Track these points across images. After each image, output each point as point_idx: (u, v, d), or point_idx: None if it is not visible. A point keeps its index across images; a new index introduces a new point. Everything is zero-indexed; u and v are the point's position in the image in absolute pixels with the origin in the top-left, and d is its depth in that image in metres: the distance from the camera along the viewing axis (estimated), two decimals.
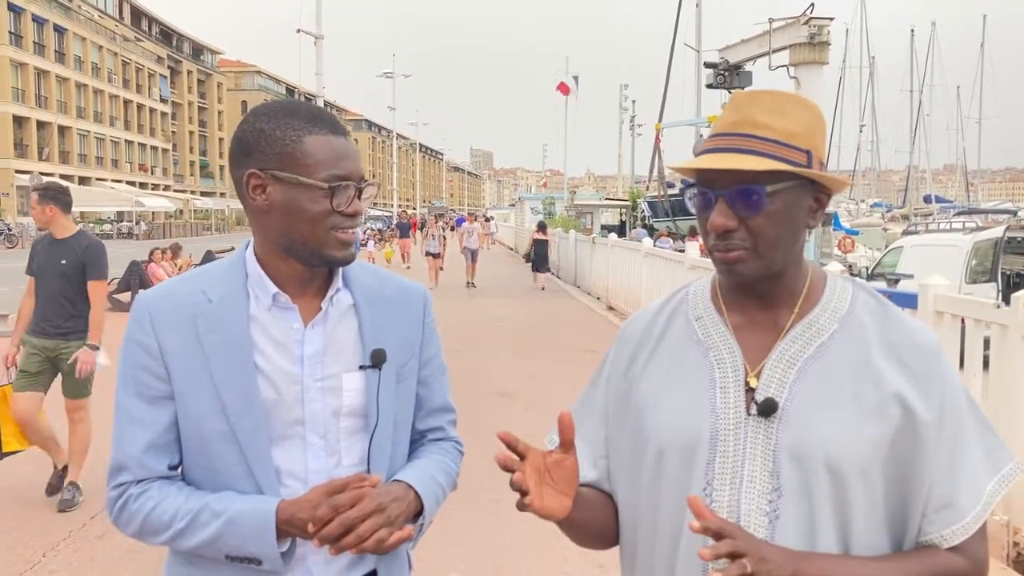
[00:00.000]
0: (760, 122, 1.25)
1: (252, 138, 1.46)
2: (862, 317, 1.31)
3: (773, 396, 1.27)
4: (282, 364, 1.48)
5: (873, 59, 69.45)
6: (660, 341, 1.41)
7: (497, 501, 5.31)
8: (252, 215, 1.50)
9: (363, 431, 1.54)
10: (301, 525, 1.39)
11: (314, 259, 1.48)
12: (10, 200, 48.89)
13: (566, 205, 43.12)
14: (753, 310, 1.34)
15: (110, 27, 66.39)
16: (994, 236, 11.95)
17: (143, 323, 1.47)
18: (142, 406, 1.46)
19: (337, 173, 1.44)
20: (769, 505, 1.25)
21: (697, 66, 39.58)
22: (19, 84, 52.98)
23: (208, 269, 1.55)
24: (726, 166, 1.23)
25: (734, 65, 26.21)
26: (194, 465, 1.49)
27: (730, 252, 1.26)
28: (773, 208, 1.24)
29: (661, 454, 1.33)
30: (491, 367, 10.14)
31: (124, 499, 1.46)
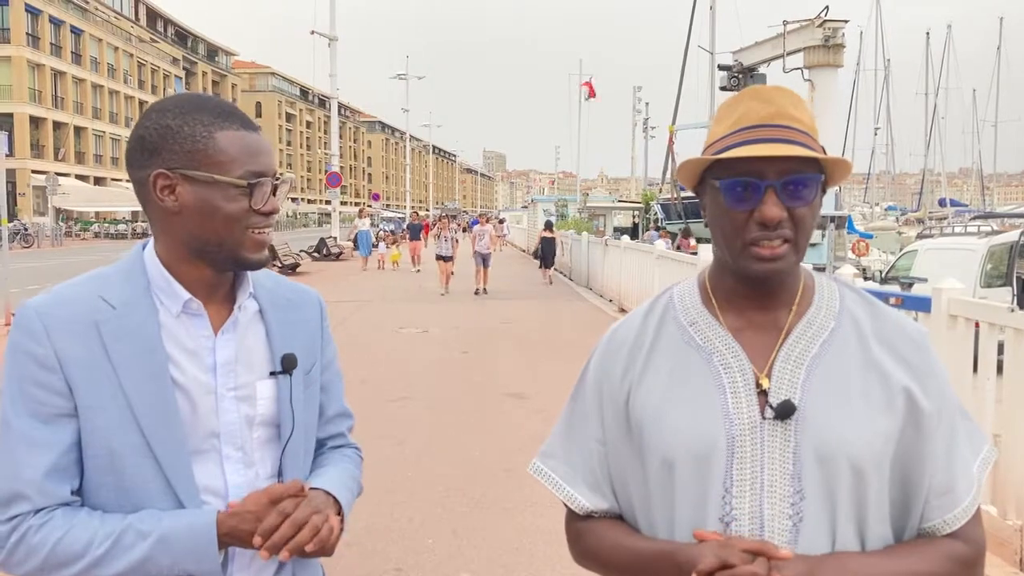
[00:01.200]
0: (793, 115, 1.25)
1: (157, 136, 1.36)
2: (854, 312, 1.33)
3: (788, 397, 1.25)
4: (195, 374, 1.39)
5: (888, 62, 69.12)
6: (653, 349, 1.37)
7: (508, 502, 5.33)
8: (157, 217, 1.39)
9: (274, 440, 1.47)
10: (243, 537, 1.33)
11: (228, 263, 1.40)
12: (26, 200, 49.24)
13: (579, 207, 43.10)
14: (751, 311, 1.33)
15: (126, 28, 66.79)
16: (1009, 240, 11.88)
17: (35, 333, 1.32)
18: (38, 426, 1.30)
19: (253, 170, 1.37)
20: (792, 508, 1.23)
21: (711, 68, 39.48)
22: (36, 85, 53.37)
23: (101, 273, 1.43)
24: (790, 153, 1.22)
25: (748, 67, 26.20)
26: (98, 486, 1.35)
27: (776, 246, 1.24)
28: (816, 199, 1.26)
29: (671, 465, 1.29)
30: (502, 369, 10.15)
31: (21, 532, 1.29)
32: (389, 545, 4.44)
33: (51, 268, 26.15)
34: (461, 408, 8.03)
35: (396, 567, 4.30)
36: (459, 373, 9.90)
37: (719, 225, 1.29)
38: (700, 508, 1.26)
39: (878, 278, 13.99)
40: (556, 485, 1.44)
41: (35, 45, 53.28)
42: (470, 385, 9.17)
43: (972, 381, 4.70)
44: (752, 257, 1.25)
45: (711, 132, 1.33)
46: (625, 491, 1.38)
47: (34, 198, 50.36)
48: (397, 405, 7.99)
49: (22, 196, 49.11)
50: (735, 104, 1.30)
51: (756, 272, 1.27)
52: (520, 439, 6.82)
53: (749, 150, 1.22)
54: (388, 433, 6.79)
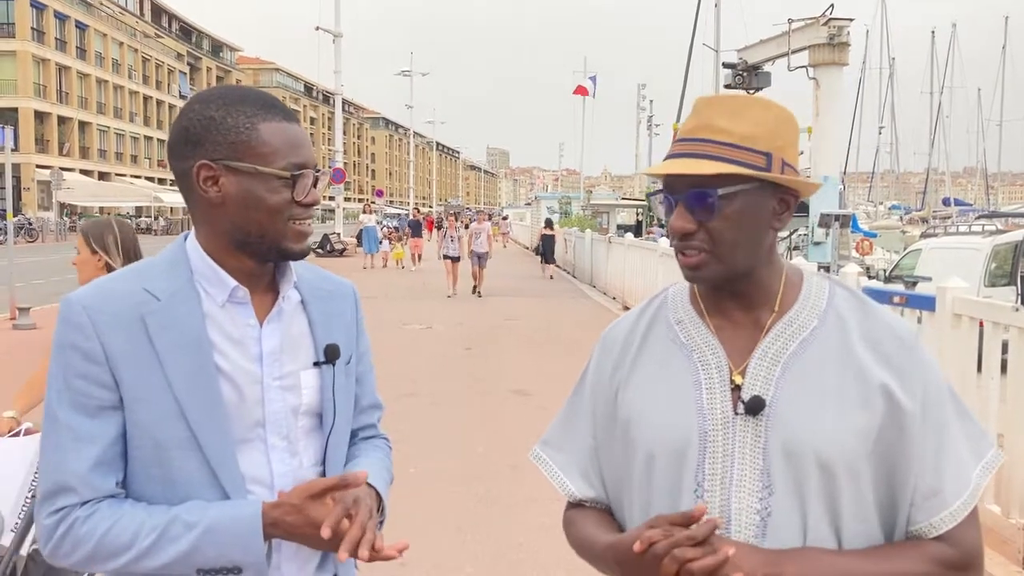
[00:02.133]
0: (717, 126, 1.27)
1: (201, 127, 1.36)
2: (841, 312, 1.33)
3: (759, 394, 1.28)
4: (242, 363, 1.40)
5: (893, 60, 68.99)
6: (642, 347, 1.41)
7: (511, 498, 5.35)
8: (200, 209, 1.40)
9: (317, 430, 1.49)
10: (287, 528, 1.33)
11: (271, 253, 1.41)
12: (31, 195, 49.34)
13: (582, 205, 43.10)
14: (733, 311, 1.36)
15: (131, 23, 66.84)
16: (1014, 239, 11.87)
17: (82, 326, 1.33)
18: (84, 419, 1.32)
19: (295, 161, 1.38)
20: (760, 503, 1.25)
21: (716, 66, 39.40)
22: (41, 80, 53.45)
23: (145, 266, 1.45)
24: (676, 171, 1.27)
25: (752, 66, 26.10)
26: (146, 478, 1.36)
27: (690, 256, 1.29)
28: (729, 210, 1.26)
29: (651, 459, 1.33)
30: (506, 366, 10.17)
31: (68, 524, 1.31)
32: (392, 539, 4.44)
33: (56, 263, 26.21)
34: (465, 404, 8.05)
35: (400, 562, 4.29)
36: (463, 370, 9.92)
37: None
38: (675, 502, 1.29)
39: (882, 277, 13.98)
40: (551, 471, 1.49)
41: (40, 40, 53.34)
42: (474, 381, 9.19)
43: (976, 380, 4.70)
44: (680, 264, 1.32)
45: None
46: (614, 484, 1.42)
47: (39, 192, 50.46)
48: (401, 401, 8.00)
49: (27, 191, 49.22)
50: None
51: (685, 276, 1.35)
52: (524, 436, 6.82)
53: (661, 166, 1.30)
54: (392, 428, 6.70)
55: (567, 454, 1.48)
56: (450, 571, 4.26)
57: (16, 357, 9.97)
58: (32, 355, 10.06)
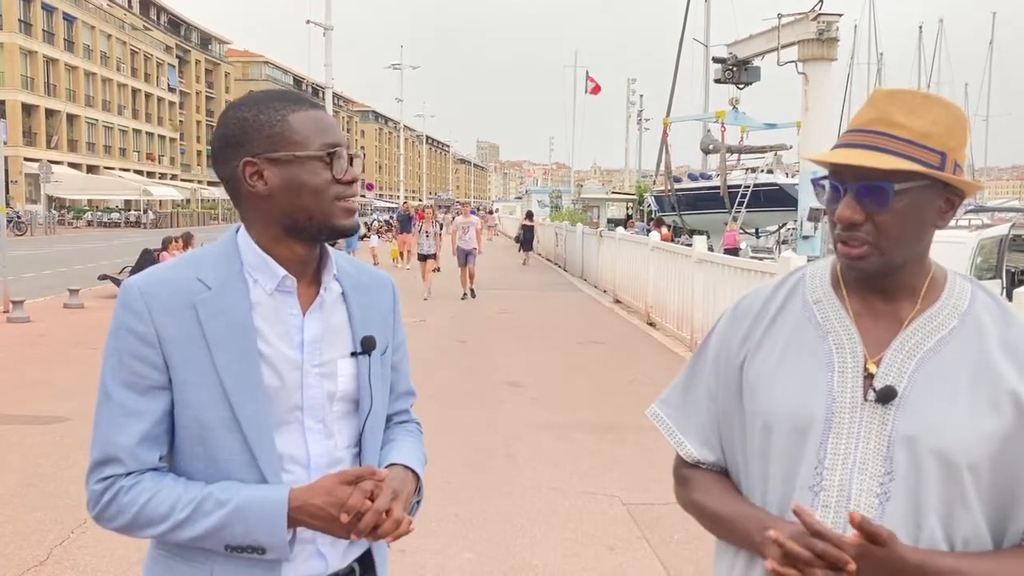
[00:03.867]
0: (896, 121, 1.28)
1: (238, 130, 1.46)
2: (981, 316, 1.35)
3: (892, 384, 1.30)
4: (284, 350, 1.48)
5: (881, 55, 69.27)
6: (775, 320, 1.43)
7: (508, 486, 5.45)
8: (251, 203, 1.48)
9: (352, 415, 1.57)
10: (313, 512, 1.39)
11: (323, 233, 1.49)
12: (19, 188, 49.04)
13: (573, 198, 43.21)
14: (874, 300, 1.37)
15: (119, 16, 66.41)
16: (999, 234, 12.03)
17: (139, 311, 1.42)
18: (135, 397, 1.42)
19: (327, 141, 1.46)
20: (880, 488, 1.28)
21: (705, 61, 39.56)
22: (28, 72, 53.07)
23: (198, 255, 1.53)
24: (856, 162, 1.27)
25: (742, 60, 26.25)
26: (191, 455, 1.46)
27: (853, 246, 1.30)
28: (899, 206, 1.27)
29: (770, 431, 1.36)
30: (499, 358, 10.25)
31: (114, 492, 1.41)
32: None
33: (46, 256, 26.17)
34: (460, 396, 8.14)
35: (400, 548, 4.41)
36: (458, 362, 10.01)
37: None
38: (792, 475, 1.33)
39: None
40: (669, 431, 1.54)
41: (28, 32, 52.97)
42: (469, 374, 9.28)
43: None
44: (839, 252, 1.34)
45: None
46: (731, 449, 1.47)
47: (26, 186, 50.17)
48: None
49: (14, 184, 48.86)
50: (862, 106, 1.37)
51: (843, 265, 1.36)
52: (518, 426, 6.94)
53: (835, 155, 1.31)
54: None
55: (685, 415, 1.52)
56: (450, 557, 4.35)
57: (11, 350, 10.00)
58: (28, 349, 10.09)
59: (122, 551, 4.23)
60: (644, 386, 8.48)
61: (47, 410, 7.04)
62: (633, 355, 10.68)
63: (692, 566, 4.28)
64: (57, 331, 11.31)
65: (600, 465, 5.91)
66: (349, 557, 1.57)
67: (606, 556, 4.40)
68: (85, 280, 16.68)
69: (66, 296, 14.11)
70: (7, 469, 5.60)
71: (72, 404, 7.12)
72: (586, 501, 5.18)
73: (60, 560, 4.21)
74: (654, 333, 12.48)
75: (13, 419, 6.85)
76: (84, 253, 27.85)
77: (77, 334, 10.89)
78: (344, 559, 1.56)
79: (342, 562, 1.55)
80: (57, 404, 7.19)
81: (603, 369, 9.63)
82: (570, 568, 4.23)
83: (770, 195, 28.56)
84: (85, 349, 9.75)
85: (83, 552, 4.30)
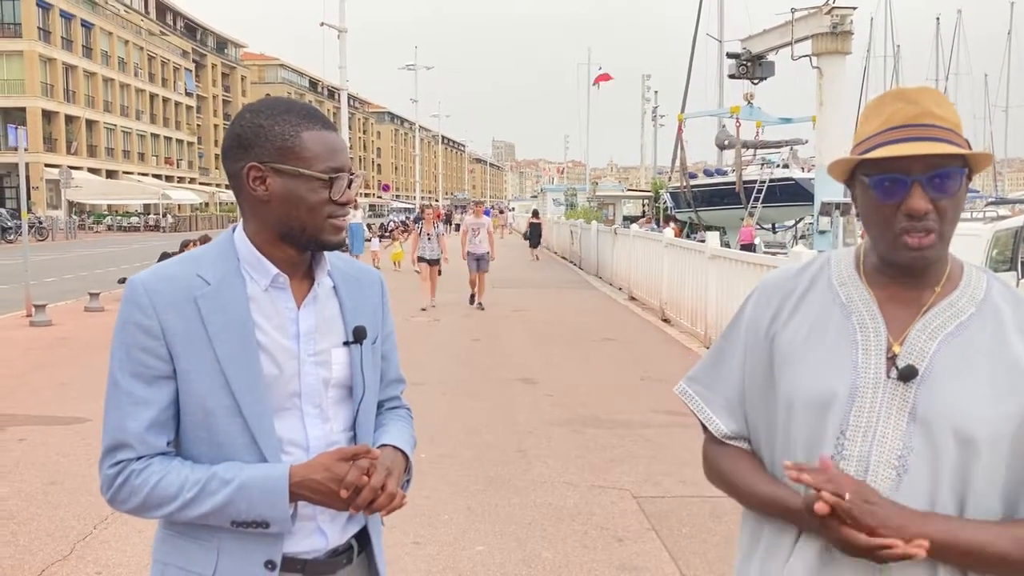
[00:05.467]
0: (937, 113, 1.36)
1: (251, 133, 1.54)
2: (998, 303, 1.41)
3: (914, 363, 1.36)
4: (281, 341, 1.57)
5: (898, 48, 68.74)
6: (802, 299, 1.49)
7: (520, 480, 5.53)
8: (249, 205, 1.58)
9: (346, 400, 1.67)
10: (313, 486, 1.49)
11: (311, 244, 1.59)
12: (39, 193, 49.61)
13: (588, 196, 43.20)
14: (896, 287, 1.43)
15: (136, 22, 66.99)
16: (1015, 225, 11.94)
17: (143, 306, 1.52)
18: (141, 386, 1.52)
19: (332, 165, 1.55)
20: (899, 460, 1.34)
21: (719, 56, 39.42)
22: (48, 79, 53.64)
23: (198, 254, 1.62)
24: (934, 151, 1.32)
25: (756, 55, 26.13)
26: (196, 440, 1.55)
27: (921, 236, 1.34)
28: (959, 192, 1.36)
29: (793, 406, 1.42)
30: (513, 355, 10.33)
31: (125, 475, 1.51)
32: (407, 520, 4.64)
33: (67, 261, 26.47)
34: (474, 392, 8.23)
35: (414, 541, 4.50)
36: (471, 359, 10.09)
37: (870, 217, 1.41)
38: (815, 445, 1.39)
39: None
40: (697, 406, 1.60)
41: (46, 39, 53.53)
42: (482, 371, 9.36)
43: None
44: (902, 246, 1.36)
45: (858, 132, 1.45)
46: (756, 423, 1.52)
47: (47, 191, 50.70)
48: (411, 389, 8.14)
49: (35, 189, 49.44)
50: (880, 105, 1.42)
51: (906, 260, 1.39)
52: (531, 422, 7.01)
53: (896, 149, 1.34)
54: None
55: (714, 391, 1.58)
56: (462, 549, 4.43)
57: (35, 353, 10.18)
58: (50, 352, 10.27)
59: (142, 546, 4.34)
60: (657, 382, 8.52)
61: (69, 411, 7.18)
62: (646, 351, 10.72)
63: (700, 558, 4.34)
64: (78, 334, 11.49)
65: (611, 459, 5.97)
66: (347, 533, 1.66)
67: (615, 548, 4.46)
68: (105, 284, 16.89)
69: (87, 300, 14.32)
70: (32, 468, 5.74)
71: (93, 405, 7.23)
72: (596, 495, 5.25)
73: (83, 556, 4.33)
74: (668, 329, 12.51)
75: (37, 420, 7.00)
76: (104, 257, 28.17)
77: (98, 337, 11.04)
78: (343, 535, 1.65)
79: (341, 538, 1.65)
80: (79, 405, 7.34)
81: (616, 365, 9.69)
82: (580, 560, 4.30)
83: (786, 190, 28.48)
84: (105, 351, 9.68)
85: (105, 547, 4.42)
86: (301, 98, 60.80)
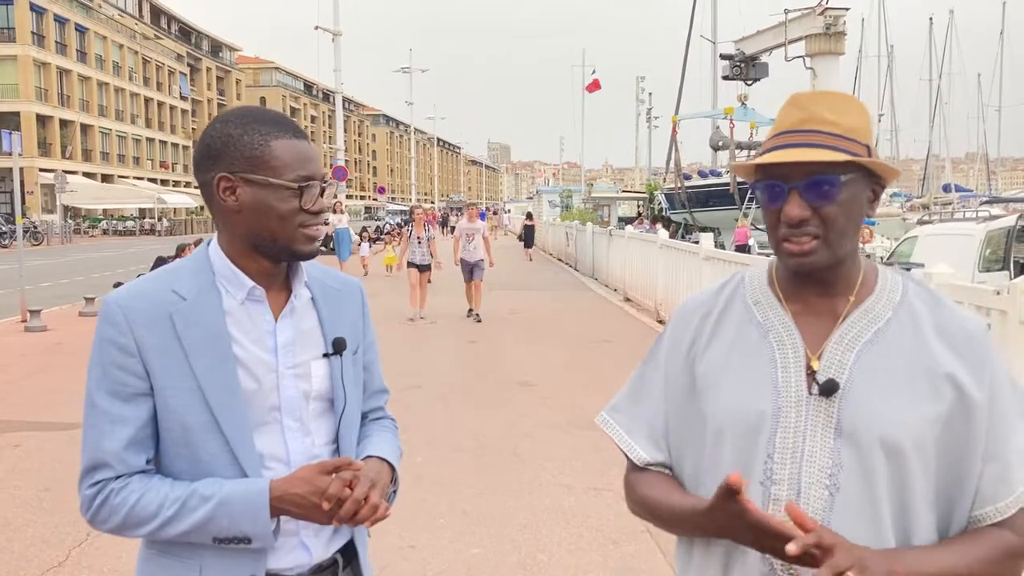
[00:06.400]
0: (827, 119, 1.33)
1: (220, 143, 1.52)
2: (915, 305, 1.39)
3: (834, 377, 1.34)
4: (259, 354, 1.55)
5: (891, 48, 68.89)
6: (719, 322, 1.47)
7: (515, 484, 5.54)
8: (221, 216, 1.56)
9: (328, 412, 1.65)
10: (294, 500, 1.47)
11: (283, 254, 1.57)
12: (35, 198, 49.54)
13: (583, 198, 43.25)
14: (811, 297, 1.41)
15: (130, 26, 66.91)
16: (1007, 225, 11.98)
17: (118, 324, 1.50)
18: (119, 404, 1.49)
19: (303, 174, 1.53)
20: (829, 479, 1.31)
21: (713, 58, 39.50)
22: (42, 83, 53.58)
23: (174, 268, 1.60)
24: (805, 158, 1.30)
25: (750, 56, 26.24)
26: (175, 457, 1.53)
27: (802, 242, 1.33)
28: (843, 197, 1.32)
29: (723, 430, 1.39)
30: (509, 358, 10.34)
31: (104, 495, 1.49)
32: (403, 524, 4.64)
33: (62, 266, 26.42)
34: (470, 395, 8.24)
35: (410, 544, 4.51)
36: (468, 362, 10.10)
37: (765, 222, 1.41)
38: (745, 471, 1.35)
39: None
40: (619, 436, 1.56)
41: (40, 44, 53.47)
42: (478, 373, 9.37)
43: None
44: (785, 252, 1.37)
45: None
46: (681, 450, 1.48)
47: (42, 196, 50.66)
48: (407, 392, 8.18)
49: (30, 194, 49.36)
50: (781, 110, 1.41)
51: (790, 265, 1.39)
52: (527, 425, 7.02)
53: (772, 156, 1.34)
54: (399, 419, 6.93)
55: (634, 419, 1.55)
56: (458, 552, 4.44)
57: (30, 359, 10.17)
58: (45, 357, 10.25)
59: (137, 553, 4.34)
60: None
61: (64, 417, 7.18)
62: (642, 353, 10.61)
63: None
64: (73, 339, 11.47)
65: (607, 462, 5.97)
66: (332, 548, 1.65)
67: (611, 550, 4.47)
68: (101, 288, 16.84)
69: (82, 304, 14.31)
70: (27, 474, 5.74)
71: None
72: (592, 497, 5.26)
73: (78, 562, 4.33)
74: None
75: (32, 425, 7.00)
76: (100, 262, 28.12)
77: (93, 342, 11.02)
78: (327, 550, 1.64)
79: (325, 553, 1.63)
80: (74, 411, 7.29)
81: (612, 367, 9.68)
82: (575, 562, 4.31)
83: None
84: None
85: (100, 554, 4.42)
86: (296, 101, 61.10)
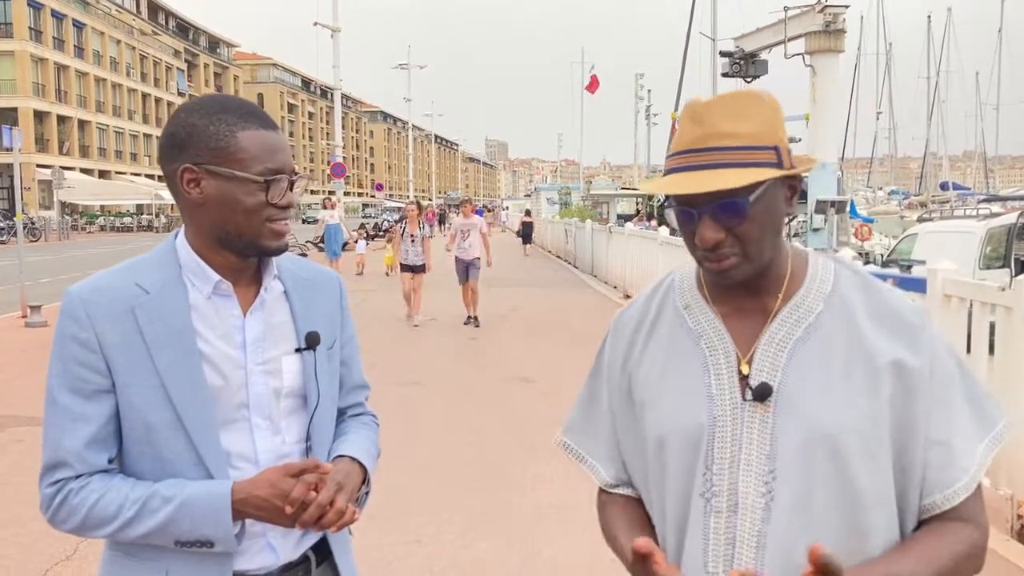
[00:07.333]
0: (725, 131, 1.25)
1: (185, 133, 1.46)
2: (847, 293, 1.33)
3: (767, 380, 1.29)
4: (226, 350, 1.50)
5: (890, 46, 68.92)
6: (652, 331, 1.42)
7: (519, 479, 5.55)
8: (186, 208, 1.50)
9: (301, 410, 1.59)
10: (257, 504, 1.42)
11: (249, 250, 1.51)
12: (32, 194, 49.43)
13: (582, 195, 43.23)
14: (739, 297, 1.36)
15: (128, 21, 66.76)
16: (1007, 222, 12.00)
17: (78, 318, 1.45)
18: (80, 401, 1.45)
19: (270, 167, 1.47)
20: (765, 487, 1.26)
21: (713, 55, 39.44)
22: (39, 79, 53.47)
23: (138, 261, 1.54)
24: (706, 188, 1.22)
25: (749, 54, 26.17)
26: (138, 456, 1.48)
27: (722, 262, 1.28)
28: (756, 211, 1.25)
29: (663, 442, 1.34)
30: (510, 354, 10.36)
31: (64, 494, 1.44)
32: (409, 519, 4.66)
33: (60, 262, 26.38)
34: (471, 392, 8.25)
35: (416, 539, 4.52)
36: (468, 359, 10.12)
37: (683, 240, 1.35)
38: (687, 484, 1.31)
39: (879, 262, 14.15)
40: (579, 457, 1.51)
41: (38, 39, 53.35)
42: (479, 370, 9.39)
43: (966, 360, 4.89)
44: (706, 270, 1.32)
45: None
46: (631, 464, 1.44)
47: (39, 192, 50.56)
48: (409, 389, 8.20)
49: (28, 190, 49.11)
50: (681, 121, 1.31)
51: (715, 280, 1.35)
52: (529, 421, 7.04)
53: (674, 184, 1.26)
54: (402, 415, 6.97)
55: (592, 439, 1.49)
56: (463, 548, 4.45)
57: (31, 355, 10.16)
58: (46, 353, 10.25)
59: None
60: None
61: None
62: None
63: None
64: None
65: None
66: (302, 548, 1.60)
67: None
68: None
69: None
70: (31, 469, 5.70)
71: None
72: (596, 492, 5.26)
73: (86, 556, 4.34)
74: None
75: (35, 421, 6.99)
76: (98, 258, 28.06)
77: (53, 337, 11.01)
78: (296, 550, 1.59)
79: (294, 553, 1.59)
80: None
81: None
82: (580, 558, 4.32)
83: None
84: None
85: None
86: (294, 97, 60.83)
